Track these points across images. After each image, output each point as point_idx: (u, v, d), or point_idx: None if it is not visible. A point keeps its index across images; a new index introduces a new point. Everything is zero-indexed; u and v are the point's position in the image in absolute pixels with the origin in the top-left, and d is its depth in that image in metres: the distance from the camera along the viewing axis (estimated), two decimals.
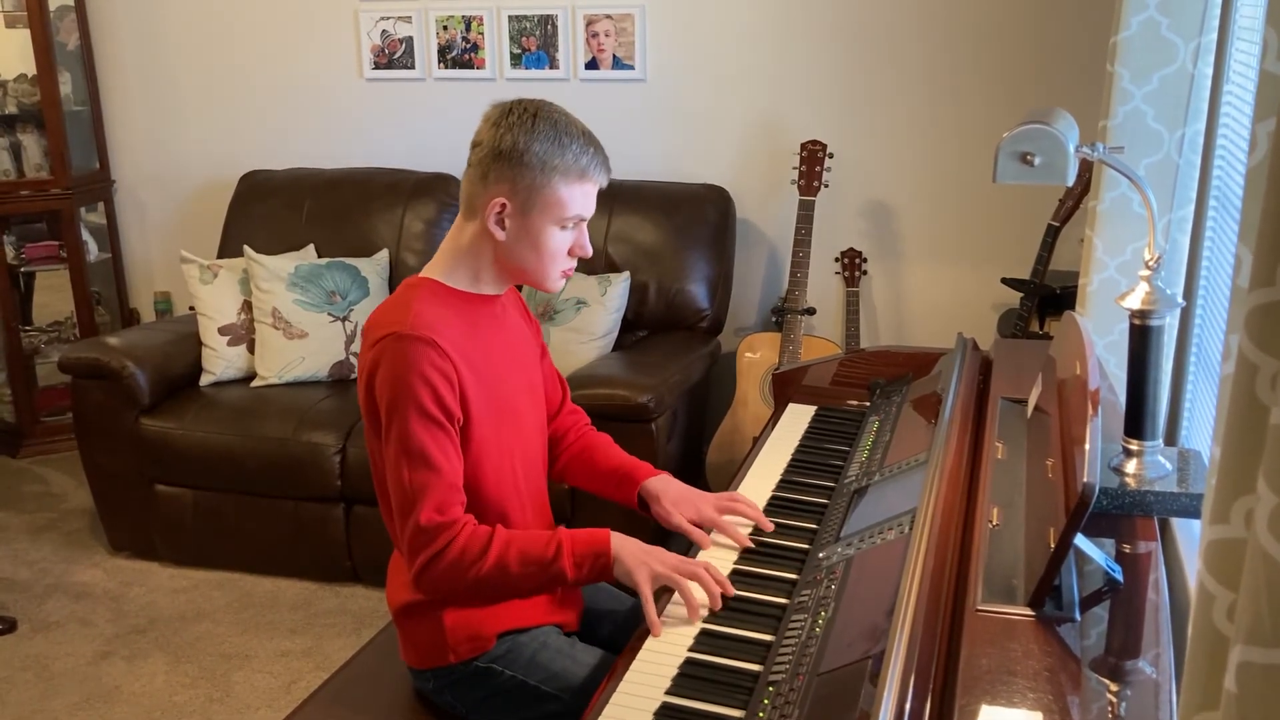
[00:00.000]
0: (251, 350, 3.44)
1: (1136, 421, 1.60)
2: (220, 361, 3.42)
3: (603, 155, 1.64)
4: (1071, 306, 2.46)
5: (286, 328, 3.39)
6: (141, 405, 3.21)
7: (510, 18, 3.72)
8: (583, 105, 2.48)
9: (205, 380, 3.41)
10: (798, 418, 2.19)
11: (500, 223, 1.61)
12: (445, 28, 3.80)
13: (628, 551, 1.60)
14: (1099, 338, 2.14)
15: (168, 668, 2.82)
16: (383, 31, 3.86)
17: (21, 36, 4.00)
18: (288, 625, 3.01)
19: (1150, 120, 1.98)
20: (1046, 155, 1.57)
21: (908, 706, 1.10)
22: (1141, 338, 1.56)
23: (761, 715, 1.27)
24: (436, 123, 3.89)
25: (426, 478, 1.56)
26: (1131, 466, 1.59)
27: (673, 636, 1.47)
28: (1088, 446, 1.28)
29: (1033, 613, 1.25)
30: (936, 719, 1.13)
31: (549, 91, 3.02)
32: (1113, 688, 1.17)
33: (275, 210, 3.75)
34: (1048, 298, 3.17)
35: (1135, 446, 1.60)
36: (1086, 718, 1.11)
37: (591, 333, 3.30)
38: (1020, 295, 3.20)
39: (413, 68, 3.86)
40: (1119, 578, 1.36)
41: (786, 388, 2.30)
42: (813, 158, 3.36)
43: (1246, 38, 1.89)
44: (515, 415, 1.72)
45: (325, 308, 3.43)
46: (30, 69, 4.01)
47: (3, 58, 4.15)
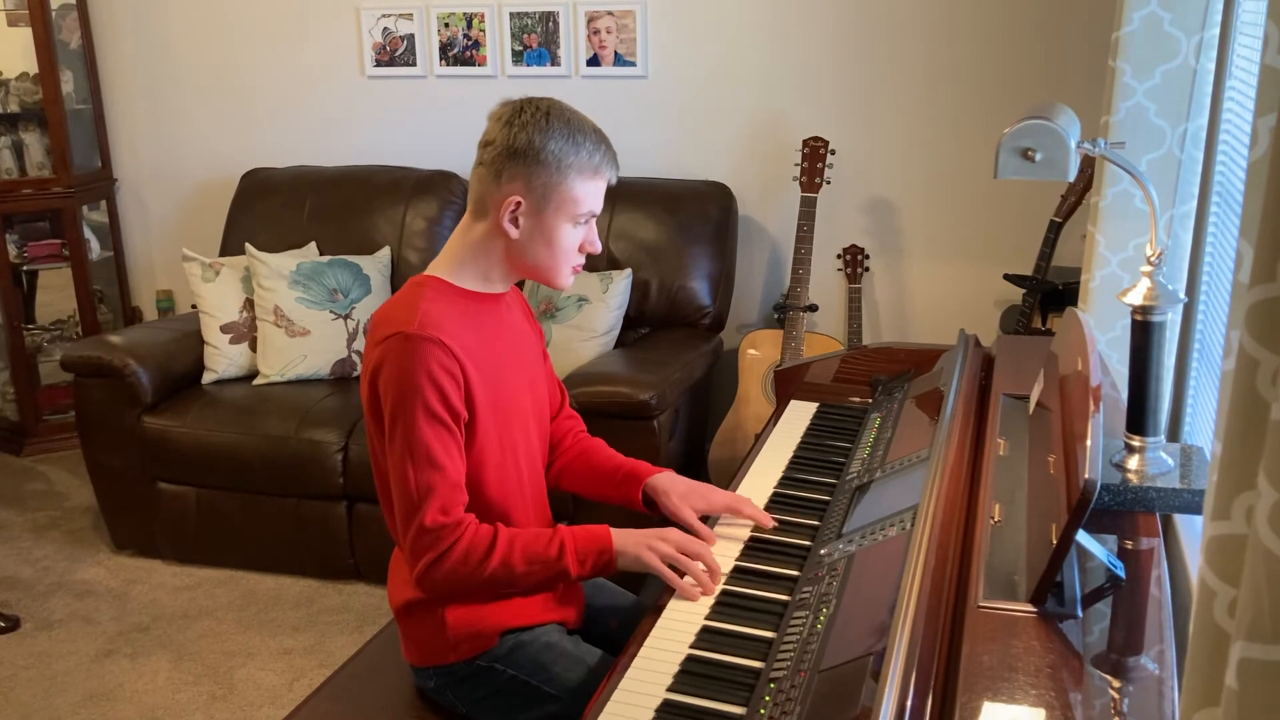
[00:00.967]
0: (254, 348, 3.44)
1: (1138, 417, 1.59)
2: (222, 359, 3.42)
3: (613, 152, 1.66)
4: (1074, 302, 2.46)
5: (288, 325, 3.39)
6: (144, 403, 3.21)
7: (511, 15, 3.71)
8: (584, 102, 2.46)
9: (207, 378, 3.41)
10: (800, 415, 2.19)
11: (514, 220, 1.61)
12: (446, 25, 3.80)
13: (630, 542, 1.62)
14: (1101, 334, 2.13)
15: (170, 666, 2.83)
16: (384, 29, 3.86)
17: (23, 35, 4.00)
18: (290, 623, 3.01)
19: (1152, 115, 1.97)
20: (1048, 151, 1.56)
21: (909, 703, 1.10)
22: (1143, 333, 1.56)
23: (763, 712, 1.27)
24: (438, 120, 3.89)
25: (432, 478, 1.56)
26: (1133, 462, 1.59)
27: (674, 634, 1.47)
28: (1089, 442, 1.28)
29: (1034, 609, 1.25)
30: (938, 716, 1.13)
31: (550, 88, 3.01)
32: (1115, 684, 1.17)
33: (277, 208, 3.75)
34: (1050, 294, 3.17)
35: (1137, 442, 1.60)
36: (1089, 714, 1.11)
37: (593, 330, 3.29)
38: (1022, 291, 3.19)
39: (414, 65, 3.86)
40: (1121, 574, 1.36)
41: (788, 385, 2.30)
42: (815, 154, 3.35)
43: (1249, 32, 1.88)
44: (519, 413, 1.72)
45: (327, 305, 3.43)
46: (32, 67, 4.02)
47: (4, 56, 4.15)
